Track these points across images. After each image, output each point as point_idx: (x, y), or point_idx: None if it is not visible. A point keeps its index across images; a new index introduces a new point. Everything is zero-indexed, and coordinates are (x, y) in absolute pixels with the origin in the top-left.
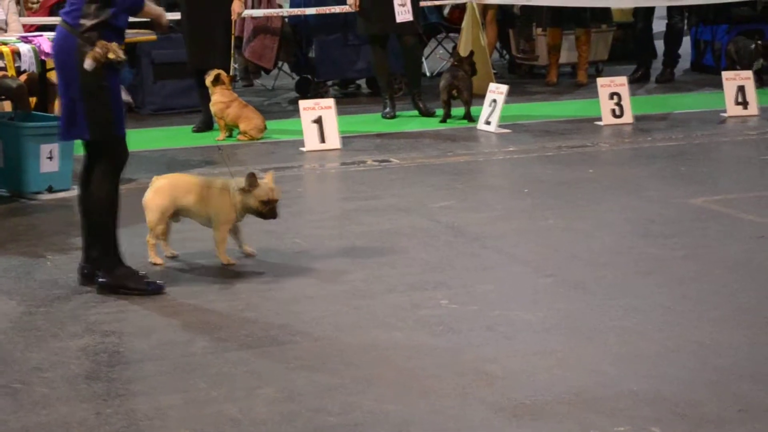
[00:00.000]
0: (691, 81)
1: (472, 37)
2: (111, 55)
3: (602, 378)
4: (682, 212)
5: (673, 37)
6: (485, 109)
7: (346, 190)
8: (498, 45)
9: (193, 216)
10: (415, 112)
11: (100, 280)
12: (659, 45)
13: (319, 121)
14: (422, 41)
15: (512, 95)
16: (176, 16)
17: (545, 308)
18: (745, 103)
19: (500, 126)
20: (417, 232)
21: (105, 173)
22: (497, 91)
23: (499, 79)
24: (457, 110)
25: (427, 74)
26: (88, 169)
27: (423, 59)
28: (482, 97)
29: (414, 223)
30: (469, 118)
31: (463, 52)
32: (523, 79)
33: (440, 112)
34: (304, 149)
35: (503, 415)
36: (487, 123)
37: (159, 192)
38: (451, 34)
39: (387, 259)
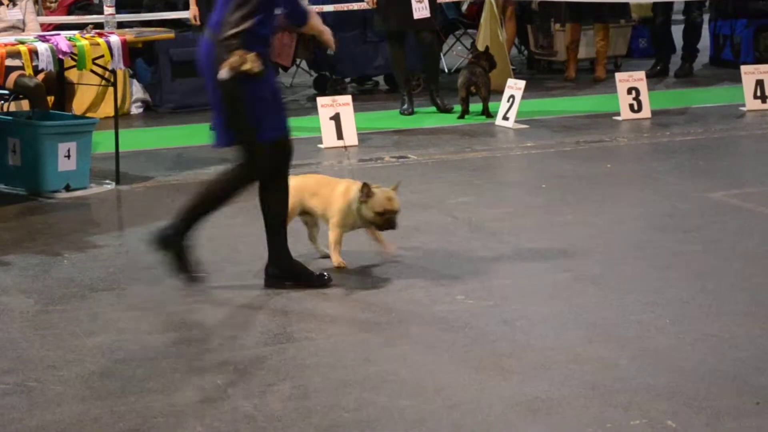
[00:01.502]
0: (710, 75)
1: (490, 33)
2: (246, 66)
3: (618, 372)
4: (701, 206)
5: (691, 32)
6: (503, 105)
7: None
8: (516, 41)
9: (318, 216)
10: (433, 109)
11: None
12: (678, 39)
13: (336, 117)
14: (440, 38)
15: (530, 91)
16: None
17: (562, 303)
18: (764, 97)
19: (518, 121)
20: (435, 228)
21: (236, 174)
22: (515, 86)
23: (518, 75)
24: (475, 106)
25: (445, 70)
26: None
27: (441, 55)
28: (500, 92)
29: (432, 219)
30: (487, 113)
31: (481, 48)
32: (542, 74)
33: (458, 108)
34: (321, 146)
35: (519, 409)
36: (505, 119)
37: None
38: (470, 31)
39: (404, 255)
